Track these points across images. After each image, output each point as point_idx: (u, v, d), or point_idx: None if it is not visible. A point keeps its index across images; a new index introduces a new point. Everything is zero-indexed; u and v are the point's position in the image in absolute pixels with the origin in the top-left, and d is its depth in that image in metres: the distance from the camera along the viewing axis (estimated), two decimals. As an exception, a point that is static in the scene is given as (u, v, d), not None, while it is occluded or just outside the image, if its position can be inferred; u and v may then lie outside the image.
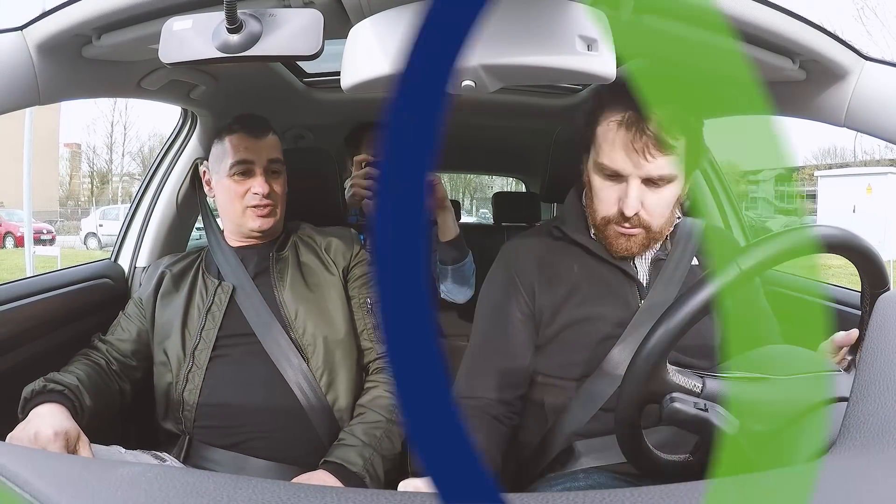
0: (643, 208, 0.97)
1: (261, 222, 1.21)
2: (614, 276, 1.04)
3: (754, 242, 0.70)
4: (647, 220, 0.98)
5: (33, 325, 1.19)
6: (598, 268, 1.04)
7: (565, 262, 1.06)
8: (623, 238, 1.00)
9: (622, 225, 0.98)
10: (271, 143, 1.23)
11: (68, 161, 29.11)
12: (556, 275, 1.05)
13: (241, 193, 1.20)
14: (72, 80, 0.96)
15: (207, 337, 1.15)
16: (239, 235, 1.25)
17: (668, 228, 1.03)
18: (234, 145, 1.20)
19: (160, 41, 0.68)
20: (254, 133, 1.21)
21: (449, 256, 1.51)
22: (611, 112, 0.97)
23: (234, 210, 1.22)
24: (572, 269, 1.05)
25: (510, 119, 1.97)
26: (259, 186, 1.19)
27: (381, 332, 0.25)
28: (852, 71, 0.89)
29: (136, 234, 1.56)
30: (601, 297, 1.02)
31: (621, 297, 1.02)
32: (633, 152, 0.94)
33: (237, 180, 1.20)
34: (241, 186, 1.20)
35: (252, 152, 1.20)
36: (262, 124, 1.23)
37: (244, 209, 1.21)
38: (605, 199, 0.99)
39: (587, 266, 1.05)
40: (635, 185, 0.95)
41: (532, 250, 1.09)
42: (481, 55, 0.69)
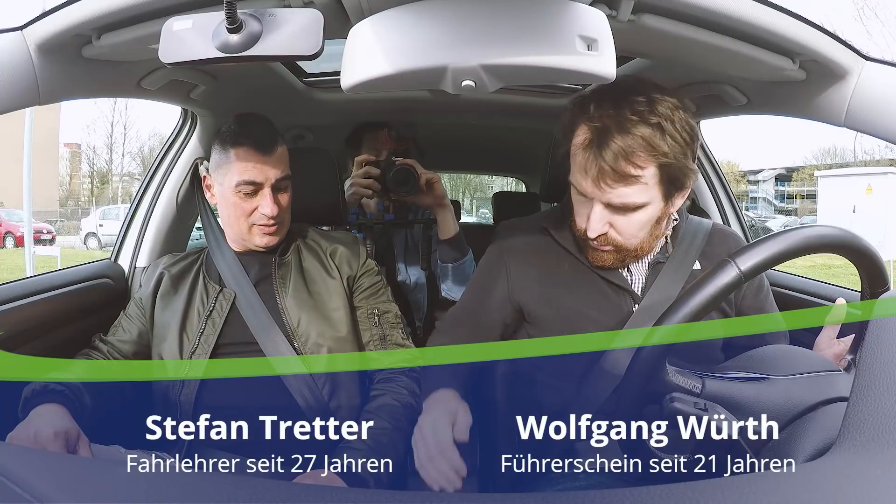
0: (612, 228, 0.94)
1: (267, 240, 1.17)
2: (605, 279, 1.02)
3: (754, 242, 0.70)
4: (617, 239, 0.95)
5: (33, 325, 1.19)
6: (588, 270, 1.03)
7: (558, 257, 1.05)
8: (597, 252, 0.99)
9: (593, 242, 0.97)
10: (280, 158, 1.15)
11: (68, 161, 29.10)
12: (547, 267, 1.05)
13: (247, 212, 1.15)
14: (72, 80, 0.96)
15: (206, 342, 1.14)
16: (243, 245, 1.22)
17: (650, 244, 0.99)
18: (241, 161, 1.12)
19: (160, 41, 0.68)
20: (263, 149, 1.13)
21: (449, 255, 1.51)
22: (578, 129, 0.93)
23: (238, 226, 1.17)
24: (564, 267, 1.04)
25: (510, 119, 1.97)
26: (268, 207, 1.13)
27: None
28: (852, 71, 0.89)
29: (136, 234, 1.56)
30: (590, 299, 1.01)
31: (613, 303, 1.01)
32: (593, 178, 0.90)
33: (243, 198, 1.14)
34: (248, 205, 1.14)
35: (261, 172, 1.12)
36: (271, 137, 1.15)
37: (250, 227, 1.16)
38: (578, 214, 0.98)
39: (578, 268, 1.04)
40: (598, 210, 0.93)
41: (527, 238, 1.09)
42: (481, 55, 0.69)
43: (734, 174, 24.93)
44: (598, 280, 1.02)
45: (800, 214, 23.44)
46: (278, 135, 1.18)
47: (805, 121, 1.03)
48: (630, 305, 1.00)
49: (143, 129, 34.18)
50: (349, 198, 1.52)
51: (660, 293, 0.99)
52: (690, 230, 1.06)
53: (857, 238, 0.71)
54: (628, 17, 0.80)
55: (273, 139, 1.15)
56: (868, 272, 0.72)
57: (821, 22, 0.85)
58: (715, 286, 0.68)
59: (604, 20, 0.70)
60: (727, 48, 0.87)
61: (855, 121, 0.91)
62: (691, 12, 0.80)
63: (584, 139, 0.91)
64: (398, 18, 0.70)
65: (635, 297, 1.01)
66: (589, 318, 1.00)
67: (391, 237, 1.73)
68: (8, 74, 0.86)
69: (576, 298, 1.01)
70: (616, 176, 0.88)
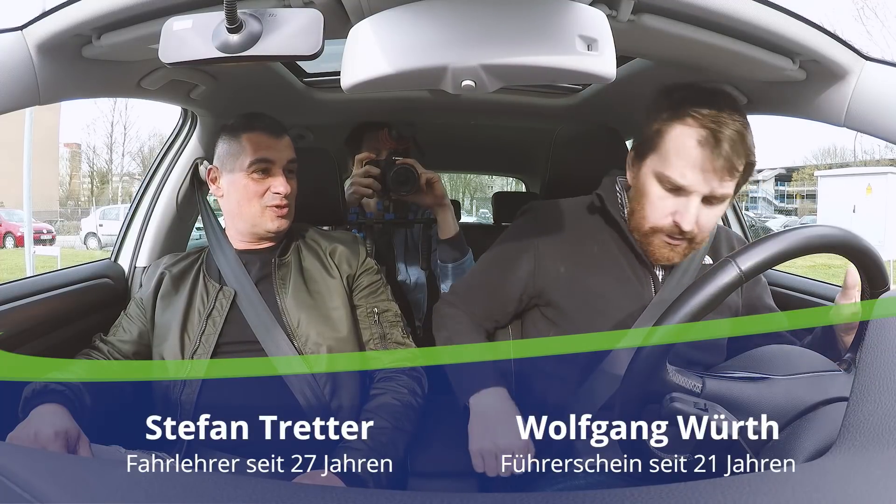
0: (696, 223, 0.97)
1: (279, 223, 1.19)
2: (631, 266, 1.05)
3: (754, 242, 0.70)
4: (696, 233, 0.98)
5: (33, 325, 1.19)
6: (618, 255, 1.06)
7: (588, 240, 1.08)
8: (667, 248, 1.00)
9: (673, 237, 0.99)
10: (288, 144, 1.22)
11: (68, 161, 29.08)
12: (576, 249, 1.07)
13: (259, 192, 1.18)
14: (72, 80, 0.96)
15: (207, 342, 1.14)
16: (249, 237, 1.23)
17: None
18: (253, 143, 1.18)
19: (160, 41, 0.68)
20: (273, 132, 1.20)
21: (449, 255, 1.51)
22: (686, 123, 0.94)
23: (250, 210, 1.19)
24: (593, 250, 1.07)
25: (510, 119, 1.97)
26: (281, 185, 1.17)
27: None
28: (852, 71, 0.89)
29: (136, 233, 1.56)
30: (614, 284, 1.04)
31: (635, 289, 1.04)
32: (709, 172, 0.92)
33: (256, 178, 1.17)
34: (261, 185, 1.18)
35: (273, 151, 1.18)
36: (279, 124, 1.22)
37: (263, 209, 1.18)
38: (660, 209, 0.98)
39: (608, 250, 1.06)
40: (696, 202, 0.95)
41: (560, 219, 1.11)
42: (481, 55, 0.69)
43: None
44: (624, 266, 1.05)
45: (800, 214, 23.45)
46: (286, 129, 1.24)
47: (805, 121, 1.03)
48: (651, 293, 1.04)
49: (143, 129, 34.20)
50: (349, 197, 1.52)
51: (674, 284, 1.03)
52: None
53: (858, 238, 0.71)
54: (628, 17, 0.80)
55: (281, 127, 1.22)
56: (868, 272, 0.73)
57: (821, 22, 0.85)
58: (715, 286, 0.68)
59: (604, 20, 0.70)
60: (727, 48, 0.87)
61: (855, 121, 0.91)
62: (691, 12, 0.80)
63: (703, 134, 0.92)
64: (398, 18, 0.70)
65: (657, 283, 1.05)
66: (610, 301, 1.02)
67: (391, 237, 1.73)
68: (8, 74, 0.86)
69: (600, 280, 1.04)
70: (731, 169, 0.93)
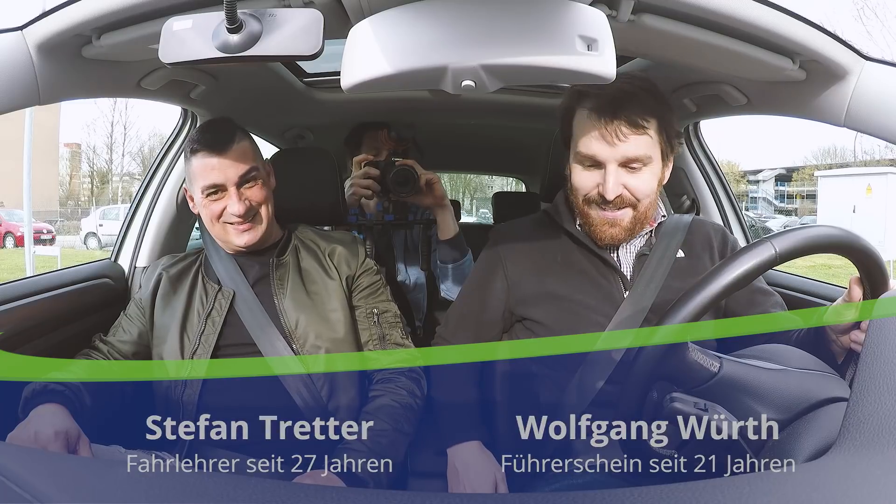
0: (626, 189, 1.01)
1: (245, 238, 1.17)
2: (596, 268, 1.08)
3: (793, 229, 0.71)
4: (631, 199, 1.02)
5: (33, 325, 1.19)
6: (581, 259, 1.09)
7: (550, 251, 1.12)
8: (607, 225, 1.04)
9: (607, 209, 1.02)
10: (240, 153, 1.14)
11: (68, 161, 29.07)
12: (540, 261, 1.11)
13: (216, 214, 1.15)
14: (72, 80, 0.96)
15: (207, 342, 1.14)
16: (229, 248, 1.22)
17: (652, 212, 1.08)
18: (199, 168, 1.13)
19: (160, 41, 0.68)
20: (216, 149, 1.12)
21: (449, 255, 1.51)
22: (583, 103, 1.03)
23: (215, 229, 1.18)
24: (556, 259, 1.10)
25: (510, 119, 1.97)
26: (234, 205, 1.13)
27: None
28: (852, 71, 0.89)
29: (136, 234, 1.56)
30: (584, 288, 1.07)
31: (605, 290, 1.07)
32: (606, 134, 0.99)
33: (212, 200, 1.14)
34: (217, 206, 1.14)
35: (219, 172, 1.12)
36: (224, 135, 1.14)
37: (224, 227, 1.16)
38: (585, 182, 1.04)
39: (570, 257, 1.10)
40: (612, 170, 1.00)
41: (519, 236, 1.16)
42: (481, 55, 0.69)
43: (734, 174, 24.97)
44: (590, 269, 1.09)
45: (800, 214, 23.46)
46: (236, 131, 1.16)
47: (805, 121, 1.03)
48: (621, 292, 1.07)
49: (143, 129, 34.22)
50: (349, 198, 1.52)
51: (646, 280, 1.06)
52: (671, 224, 1.14)
53: (858, 238, 0.71)
54: (628, 17, 0.80)
55: (227, 137, 1.14)
56: (869, 272, 0.73)
57: (821, 22, 0.85)
58: (751, 262, 0.69)
59: (604, 20, 0.70)
60: (727, 48, 0.87)
61: (855, 121, 0.91)
62: (691, 12, 0.80)
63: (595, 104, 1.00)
64: (398, 18, 0.70)
65: (625, 281, 1.08)
66: (583, 304, 1.06)
67: (391, 237, 1.73)
68: (8, 74, 0.86)
69: (570, 288, 1.07)
70: (630, 125, 0.98)
